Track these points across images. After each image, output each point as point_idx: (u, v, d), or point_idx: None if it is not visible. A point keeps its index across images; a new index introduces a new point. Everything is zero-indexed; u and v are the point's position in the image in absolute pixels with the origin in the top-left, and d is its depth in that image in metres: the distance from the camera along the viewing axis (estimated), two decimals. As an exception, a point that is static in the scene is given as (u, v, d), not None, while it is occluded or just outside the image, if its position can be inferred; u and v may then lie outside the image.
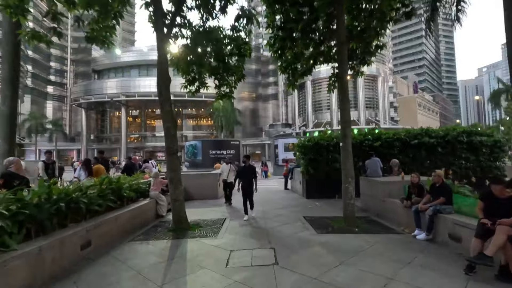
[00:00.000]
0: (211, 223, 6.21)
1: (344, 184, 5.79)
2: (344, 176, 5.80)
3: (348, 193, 5.70)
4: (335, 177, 9.45)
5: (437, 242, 4.48)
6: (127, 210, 5.59)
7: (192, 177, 10.33)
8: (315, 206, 8.21)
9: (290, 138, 26.33)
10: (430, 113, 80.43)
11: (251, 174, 6.75)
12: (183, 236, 5.21)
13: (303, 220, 6.30)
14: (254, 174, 6.78)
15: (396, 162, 7.86)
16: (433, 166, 9.31)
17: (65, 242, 3.78)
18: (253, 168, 6.87)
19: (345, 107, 5.98)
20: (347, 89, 6.08)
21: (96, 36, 5.40)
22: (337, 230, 5.41)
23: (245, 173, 6.83)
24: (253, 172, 6.79)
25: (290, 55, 7.90)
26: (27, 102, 63.59)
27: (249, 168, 6.83)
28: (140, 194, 6.99)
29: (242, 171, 6.94)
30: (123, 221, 5.33)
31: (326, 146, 9.43)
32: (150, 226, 6.14)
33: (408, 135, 9.43)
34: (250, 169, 6.82)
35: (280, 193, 11.34)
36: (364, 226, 5.63)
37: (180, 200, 5.55)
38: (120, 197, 5.86)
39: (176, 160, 5.52)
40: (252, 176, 6.75)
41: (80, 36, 78.45)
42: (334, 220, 6.15)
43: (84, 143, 56.41)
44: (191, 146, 21.69)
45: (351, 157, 5.90)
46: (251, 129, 66.99)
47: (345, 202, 5.74)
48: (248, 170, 6.81)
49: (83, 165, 6.47)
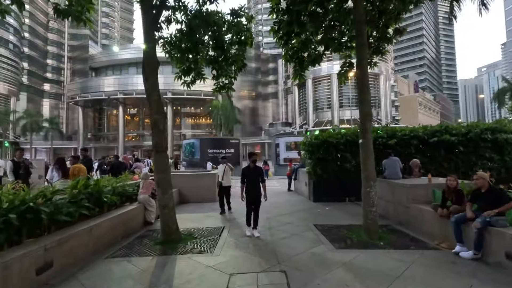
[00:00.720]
0: (207, 233, 5.30)
1: (364, 188, 4.89)
2: (365, 178, 4.90)
3: (369, 199, 4.80)
4: (345, 179, 8.60)
5: (488, 263, 3.58)
6: (106, 219, 4.68)
7: (187, 178, 9.42)
8: (324, 211, 7.31)
9: (291, 136, 25.47)
10: (431, 113, 79.70)
11: (258, 178, 5.26)
12: (173, 251, 4.30)
13: (315, 229, 5.40)
14: (262, 177, 5.29)
15: (416, 163, 6.97)
16: (453, 166, 8.46)
17: (12, 267, 2.87)
18: (260, 169, 5.45)
19: (365, 98, 5.07)
20: (367, 75, 5.17)
21: (69, 10, 4.44)
22: (358, 243, 4.51)
23: (251, 176, 5.26)
24: (261, 175, 5.31)
25: (297, 42, 7.01)
26: (23, 100, 62.51)
27: (255, 170, 5.32)
28: (126, 199, 6.09)
29: (248, 173, 5.30)
30: (100, 233, 4.42)
31: (336, 144, 8.52)
32: (135, 236, 5.23)
33: (426, 132, 8.53)
34: (257, 171, 5.33)
35: (283, 195, 10.43)
36: (389, 238, 4.74)
37: (170, 207, 4.64)
38: (100, 203, 4.95)
39: (165, 159, 4.61)
40: (260, 179, 5.27)
41: (78, 33, 77.56)
42: (352, 230, 5.24)
43: (81, 142, 55.30)
44: (189, 144, 20.76)
45: (373, 156, 5.00)
46: (250, 128, 66.04)
47: (366, 210, 4.84)
48: (254, 172, 5.30)
49: (56, 165, 5.54)
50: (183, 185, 9.12)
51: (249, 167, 5.37)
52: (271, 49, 79.16)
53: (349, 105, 50.10)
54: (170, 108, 50.80)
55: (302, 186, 10.19)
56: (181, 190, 9.07)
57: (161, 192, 4.57)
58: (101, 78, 55.78)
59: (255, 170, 5.34)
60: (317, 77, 52.01)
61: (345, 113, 49.35)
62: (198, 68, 7.09)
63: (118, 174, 7.16)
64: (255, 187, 5.21)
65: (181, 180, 9.23)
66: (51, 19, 73.46)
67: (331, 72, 50.41)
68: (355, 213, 6.98)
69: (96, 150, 53.75)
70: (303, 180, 10.13)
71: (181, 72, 7.02)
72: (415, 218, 5.27)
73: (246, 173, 5.32)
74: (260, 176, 5.29)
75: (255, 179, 5.24)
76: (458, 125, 8.93)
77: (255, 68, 71.00)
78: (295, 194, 10.85)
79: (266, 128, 64.54)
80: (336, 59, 50.53)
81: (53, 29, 74.51)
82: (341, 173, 8.60)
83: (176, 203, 8.69)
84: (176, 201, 8.73)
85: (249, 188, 5.22)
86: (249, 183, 5.23)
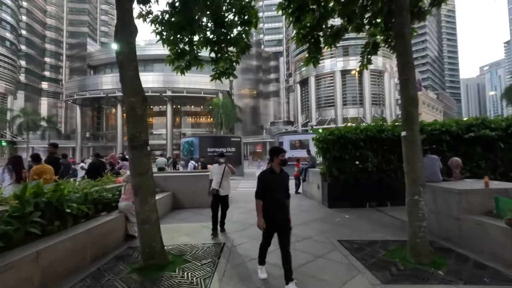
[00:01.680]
0: (202, 253, 4.10)
1: (410, 196, 3.68)
2: (411, 183, 3.69)
3: (418, 211, 3.60)
4: (364, 181, 7.41)
5: None
6: (66, 238, 3.48)
7: (182, 180, 8.23)
8: (345, 220, 6.12)
9: (296, 135, 24.29)
10: (434, 111, 78.42)
11: (285, 188, 3.32)
12: (154, 283, 3.12)
13: (341, 248, 4.20)
14: (288, 188, 3.37)
15: (457, 162, 5.74)
16: (491, 166, 7.26)
17: None
18: (287, 177, 3.37)
19: (409, 77, 3.86)
20: (410, 48, 3.96)
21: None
22: (409, 273, 3.30)
23: (275, 186, 3.22)
24: (288, 185, 3.38)
25: (310, 20, 5.82)
26: (20, 99, 61.55)
27: (281, 177, 3.28)
28: (103, 207, 4.91)
29: (269, 181, 3.22)
30: (55, 258, 3.23)
31: (355, 140, 7.31)
32: (110, 257, 4.04)
33: (460, 126, 7.32)
34: (284, 178, 3.31)
35: (292, 199, 9.15)
36: (445, 262, 3.54)
37: (152, 222, 3.45)
38: (61, 215, 3.76)
39: (144, 158, 3.41)
40: (287, 192, 3.35)
41: (76, 31, 76.49)
42: (390, 249, 4.05)
43: (79, 141, 54.18)
44: (187, 143, 19.56)
45: (421, 153, 3.79)
46: (251, 127, 64.91)
47: (413, 225, 3.64)
48: (280, 180, 3.26)
49: (9, 165, 4.34)
50: (177, 188, 7.94)
51: (271, 172, 3.24)
52: (273, 47, 78.03)
53: (352, 103, 48.90)
54: (169, 106, 49.66)
55: (313, 188, 8.99)
56: (175, 194, 7.89)
57: (140, 202, 3.38)
58: (99, 76, 54.55)
59: (281, 177, 3.26)
60: (320, 74, 50.78)
61: (349, 111, 48.14)
62: (194, 51, 5.96)
63: (98, 176, 5.98)
64: (282, 205, 3.20)
65: (175, 182, 8.05)
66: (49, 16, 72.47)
67: (334, 69, 49.23)
68: (383, 223, 5.82)
69: (94, 149, 52.58)
70: (314, 182, 8.93)
71: (174, 55, 5.87)
72: (472, 234, 4.06)
73: (266, 181, 3.19)
74: (286, 186, 3.32)
75: (281, 191, 3.23)
76: (496, 119, 7.71)
77: (256, 66, 69.86)
78: (305, 197, 9.66)
79: (267, 127, 63.46)
80: (339, 55, 49.45)
81: (51, 27, 73.49)
82: (360, 174, 7.42)
83: (169, 209, 7.53)
84: (169, 206, 7.56)
85: (272, 206, 3.15)
86: (272, 198, 3.16)
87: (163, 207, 7.23)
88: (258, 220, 3.16)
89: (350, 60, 48.54)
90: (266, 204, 3.15)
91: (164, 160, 17.29)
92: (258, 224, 3.16)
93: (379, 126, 7.58)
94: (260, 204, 3.15)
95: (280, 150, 3.31)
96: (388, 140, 7.35)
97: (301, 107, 55.97)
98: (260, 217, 3.14)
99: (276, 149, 3.32)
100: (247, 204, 8.28)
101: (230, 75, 6.20)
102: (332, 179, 7.51)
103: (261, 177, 3.25)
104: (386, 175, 7.46)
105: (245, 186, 14.47)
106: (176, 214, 7.06)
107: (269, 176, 3.24)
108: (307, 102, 53.09)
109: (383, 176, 7.45)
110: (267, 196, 3.17)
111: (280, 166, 3.25)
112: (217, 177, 5.28)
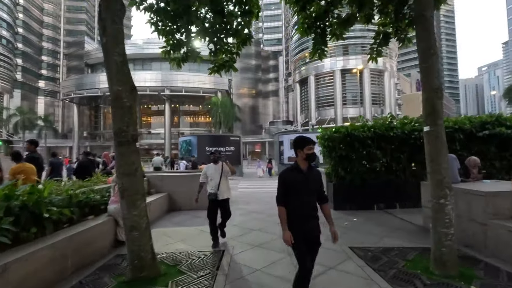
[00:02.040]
0: (199, 263, 3.66)
1: (436, 199, 3.25)
2: (437, 185, 3.25)
3: (444, 217, 3.17)
4: (372, 181, 6.99)
5: None
6: (42, 247, 3.04)
7: (179, 180, 7.77)
8: (353, 224, 5.69)
9: (296, 134, 23.86)
10: (434, 111, 78.25)
11: (315, 190, 2.51)
12: (142, 301, 2.68)
13: (355, 256, 3.76)
14: (320, 189, 2.57)
15: (475, 161, 5.32)
16: (507, 166, 6.86)
17: None
18: (319, 174, 2.56)
19: (431, 64, 3.43)
20: (433, 32, 3.53)
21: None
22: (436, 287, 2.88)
23: (303, 188, 2.42)
24: (322, 185, 2.58)
25: (316, 9, 5.41)
26: (17, 97, 60.86)
27: (310, 176, 2.46)
28: (90, 210, 4.47)
29: (295, 182, 2.41)
30: (26, 272, 2.79)
31: (362, 139, 6.89)
32: (95, 267, 3.59)
33: (474, 124, 6.91)
34: (311, 177, 2.46)
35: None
36: (473, 274, 3.12)
37: (142, 229, 3.01)
38: (39, 220, 3.32)
39: (132, 156, 2.96)
40: (321, 196, 2.58)
41: (74, 29, 75.73)
42: (410, 258, 3.62)
43: (76, 140, 53.59)
44: (185, 142, 19.10)
45: (447, 151, 3.36)
46: (250, 126, 64.46)
47: (438, 232, 3.20)
48: (308, 179, 2.44)
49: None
50: (173, 189, 7.51)
51: (296, 170, 2.43)
52: (272, 46, 77.61)
53: (352, 102, 48.53)
54: (168, 105, 49.16)
55: (317, 189, 8.56)
56: (171, 195, 7.45)
57: (127, 206, 2.93)
58: (97, 75, 53.92)
59: (310, 177, 2.43)
60: (319, 73, 50.41)
61: (349, 110, 47.74)
62: (191, 42, 5.52)
63: (86, 176, 5.52)
64: (310, 213, 2.42)
65: (171, 182, 7.62)
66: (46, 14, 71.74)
67: (334, 69, 48.83)
68: (393, 226, 5.42)
69: (92, 148, 51.99)
70: (318, 183, 8.49)
71: (170, 46, 5.43)
72: (500, 242, 3.64)
73: (289, 181, 2.41)
74: (320, 189, 2.54)
75: (309, 194, 2.44)
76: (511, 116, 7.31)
77: (255, 65, 69.42)
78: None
79: (266, 126, 63.09)
80: (339, 54, 49.05)
81: (49, 25, 72.76)
82: (367, 174, 7.00)
83: (165, 211, 7.09)
84: (165, 208, 7.13)
85: (298, 214, 2.39)
86: (298, 204, 2.39)
87: (159, 209, 6.79)
88: (284, 233, 2.34)
89: (350, 59, 48.20)
90: (291, 211, 2.38)
91: (161, 159, 16.81)
92: (285, 238, 2.32)
93: (388, 123, 7.16)
94: (284, 212, 2.38)
95: (306, 140, 2.39)
96: (397, 138, 6.95)
97: (301, 106, 55.57)
98: (285, 229, 2.34)
99: (301, 140, 2.42)
100: (247, 205, 7.85)
101: (230, 68, 5.76)
102: (338, 179, 7.09)
103: (283, 176, 2.45)
104: (395, 175, 7.05)
105: (245, 186, 14.03)
106: (172, 217, 6.62)
107: (292, 176, 2.41)
108: (307, 102, 52.70)
109: (392, 177, 7.05)
110: (292, 201, 2.38)
111: (308, 162, 2.42)
112: (215, 178, 4.48)
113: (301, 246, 2.36)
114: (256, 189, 13.15)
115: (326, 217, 2.54)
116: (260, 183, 16.39)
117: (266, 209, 7.27)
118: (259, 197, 9.66)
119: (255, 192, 11.60)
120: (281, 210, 2.40)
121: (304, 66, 52.78)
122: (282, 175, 2.48)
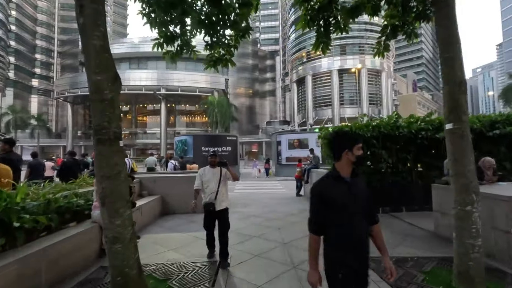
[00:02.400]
0: (192, 276, 3.25)
1: (461, 206, 2.87)
2: (461, 189, 2.88)
3: (471, 225, 2.80)
4: (376, 183, 6.63)
5: None
6: (10, 262, 2.61)
7: (172, 182, 7.34)
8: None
9: (294, 134, 23.51)
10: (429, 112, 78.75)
11: (367, 206, 1.68)
12: (124, 328, 2.27)
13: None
14: (371, 205, 1.72)
15: (490, 163, 4.98)
16: (517, 167, 6.54)
17: None
18: (364, 186, 1.72)
19: (454, 55, 3.07)
20: (455, 16, 3.16)
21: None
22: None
23: (348, 201, 1.61)
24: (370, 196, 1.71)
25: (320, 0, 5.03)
26: (9, 96, 59.76)
27: (354, 187, 1.65)
28: (72, 216, 4.03)
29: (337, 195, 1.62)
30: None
31: (367, 138, 6.53)
32: (74, 283, 3.17)
33: (483, 123, 6.59)
34: (358, 188, 1.67)
35: (294, 203, 8.41)
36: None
37: (126, 241, 2.59)
38: (8, 230, 2.89)
39: (115, 156, 2.55)
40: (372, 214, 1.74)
41: (68, 27, 74.51)
42: (427, 270, 3.25)
43: (70, 140, 52.67)
44: (181, 141, 18.61)
45: (473, 152, 3.00)
46: (247, 126, 64.05)
47: (463, 243, 2.83)
48: (352, 192, 1.63)
49: None
50: (167, 191, 7.08)
51: (337, 179, 1.67)
52: (269, 45, 77.25)
53: (350, 102, 48.38)
54: (163, 105, 48.51)
55: (318, 191, 8.18)
56: (164, 198, 7.02)
57: (108, 215, 2.51)
58: (91, 73, 53.05)
59: (357, 187, 1.66)
60: (316, 73, 50.17)
61: (346, 110, 47.55)
62: (186, 35, 5.11)
63: (71, 178, 5.08)
64: (363, 240, 1.64)
65: (164, 184, 7.18)
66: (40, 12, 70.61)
67: (332, 68, 48.60)
68: (402, 232, 5.07)
69: (86, 148, 51.17)
70: (319, 184, 8.12)
71: (163, 38, 5.00)
72: (527, 251, 3.29)
73: (330, 197, 1.63)
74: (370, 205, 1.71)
75: (360, 212, 1.64)
76: (521, 115, 7.00)
77: (252, 65, 69.03)
78: (307, 201, 8.84)
79: (263, 126, 62.71)
80: (336, 54, 48.80)
81: (42, 23, 71.59)
82: (372, 175, 6.63)
83: (157, 214, 6.66)
84: (157, 212, 6.70)
85: (345, 243, 1.60)
86: (346, 228, 1.61)
87: (151, 212, 6.36)
88: (310, 273, 1.64)
89: (347, 59, 48.02)
90: (333, 240, 1.62)
91: (154, 159, 16.30)
92: (310, 281, 1.63)
93: (393, 122, 6.82)
94: (317, 243, 1.67)
95: (354, 137, 1.70)
96: (404, 137, 6.60)
97: (298, 106, 55.31)
98: (314, 267, 1.64)
99: (348, 137, 1.70)
100: (245, 208, 7.46)
101: (227, 62, 5.34)
102: (341, 181, 6.71)
103: (317, 190, 1.70)
104: (401, 177, 6.70)
105: (242, 188, 13.62)
106: (165, 221, 6.19)
107: (333, 188, 1.65)
108: (304, 102, 52.43)
109: (398, 178, 6.70)
110: (335, 226, 1.62)
111: (353, 167, 1.68)
112: (211, 185, 3.85)
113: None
114: (254, 190, 12.75)
115: (378, 244, 1.74)
116: (257, 183, 15.99)
117: (265, 212, 6.89)
118: (257, 198, 9.28)
119: (253, 193, 11.20)
120: (313, 240, 1.67)
121: (301, 65, 52.52)
122: (317, 188, 1.70)
